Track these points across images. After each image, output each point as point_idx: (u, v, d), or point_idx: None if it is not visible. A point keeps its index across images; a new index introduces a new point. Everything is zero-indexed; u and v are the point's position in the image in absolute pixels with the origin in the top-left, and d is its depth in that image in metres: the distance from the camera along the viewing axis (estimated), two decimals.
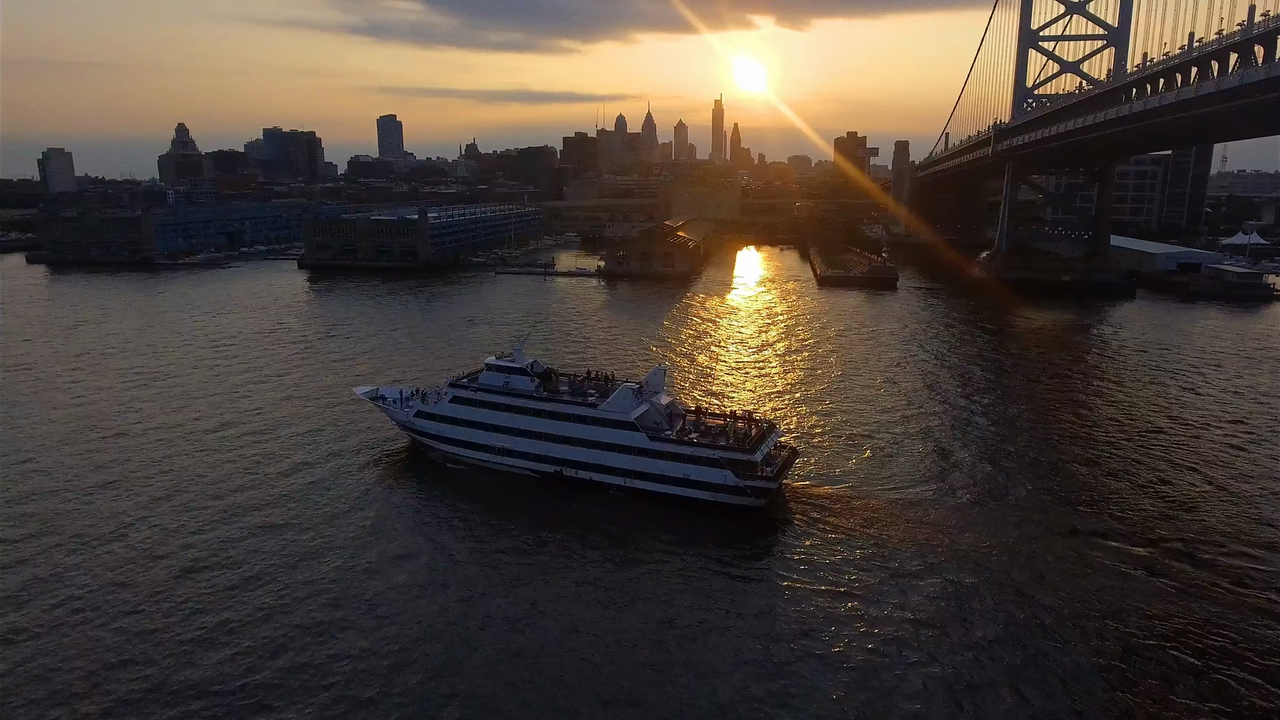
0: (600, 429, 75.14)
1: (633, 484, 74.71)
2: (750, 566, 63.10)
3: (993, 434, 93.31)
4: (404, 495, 76.17)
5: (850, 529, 67.60)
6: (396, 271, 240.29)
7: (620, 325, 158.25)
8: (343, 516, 69.90)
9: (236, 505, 71.63)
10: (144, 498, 73.27)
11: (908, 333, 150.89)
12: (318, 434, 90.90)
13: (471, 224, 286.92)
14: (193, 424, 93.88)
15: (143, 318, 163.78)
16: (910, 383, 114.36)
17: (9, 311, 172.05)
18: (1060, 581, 59.16)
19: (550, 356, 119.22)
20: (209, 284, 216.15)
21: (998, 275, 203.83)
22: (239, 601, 56.29)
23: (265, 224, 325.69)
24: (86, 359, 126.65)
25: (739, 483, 70.17)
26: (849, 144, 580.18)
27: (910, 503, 72.73)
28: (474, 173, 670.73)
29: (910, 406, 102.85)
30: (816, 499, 73.80)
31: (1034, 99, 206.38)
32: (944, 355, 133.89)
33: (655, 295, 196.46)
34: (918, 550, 63.86)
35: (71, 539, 65.58)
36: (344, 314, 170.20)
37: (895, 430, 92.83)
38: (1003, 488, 77.08)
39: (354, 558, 62.58)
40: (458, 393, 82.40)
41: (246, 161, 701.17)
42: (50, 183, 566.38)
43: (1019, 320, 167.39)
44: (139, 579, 59.41)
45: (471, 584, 59.34)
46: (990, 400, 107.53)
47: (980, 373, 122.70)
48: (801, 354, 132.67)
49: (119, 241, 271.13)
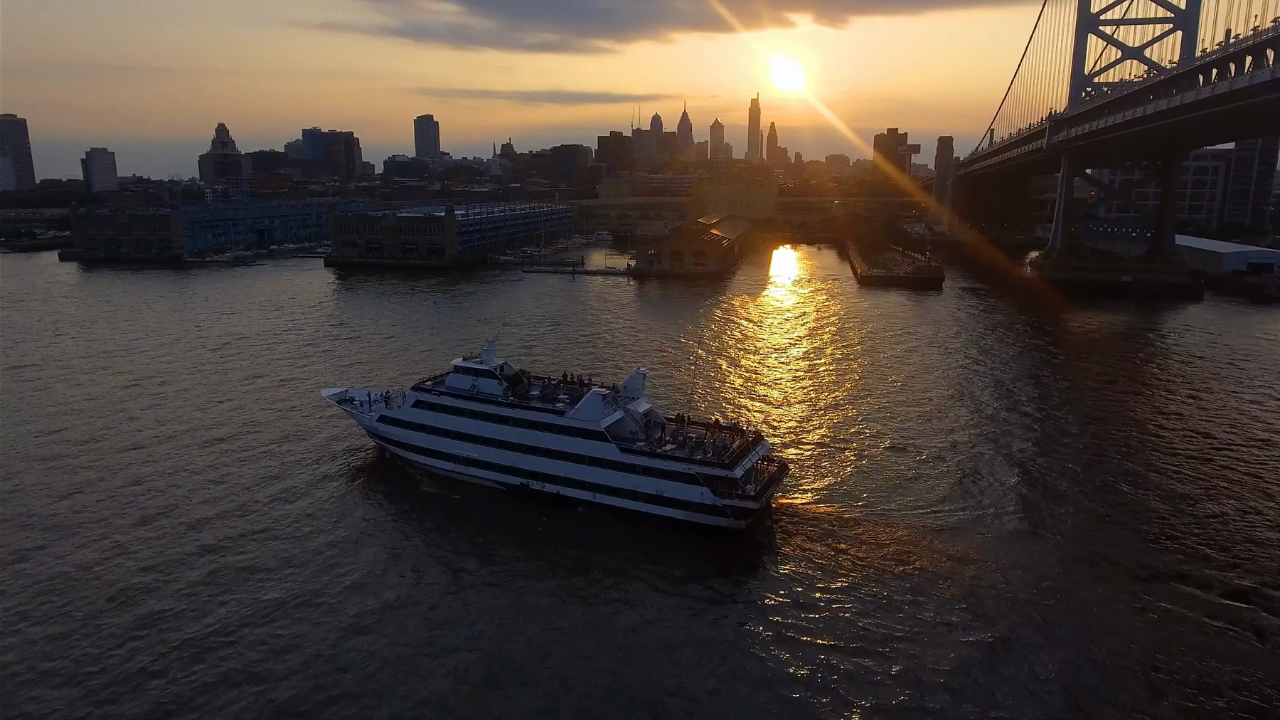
0: (568, 438, 68.02)
1: (602, 500, 67.41)
2: (720, 604, 54.82)
3: (1040, 450, 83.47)
4: (358, 515, 67.62)
5: (852, 560, 59.04)
6: (422, 269, 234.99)
7: (646, 326, 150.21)
8: (285, 542, 62.30)
9: (195, 529, 64.20)
10: (108, 514, 66.83)
11: (954, 336, 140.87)
12: (301, 442, 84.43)
13: (499, 221, 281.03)
14: (177, 431, 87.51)
15: (156, 316, 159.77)
16: (954, 391, 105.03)
17: (26, 310, 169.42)
18: (1116, 636, 49.47)
19: (564, 360, 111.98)
20: (232, 282, 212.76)
21: (1050, 276, 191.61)
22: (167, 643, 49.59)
23: (295, 222, 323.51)
24: (90, 359, 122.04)
25: (716, 501, 62.38)
26: (889, 141, 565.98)
27: (932, 529, 63.82)
28: (508, 171, 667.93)
29: (950, 416, 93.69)
30: (818, 521, 65.51)
31: (1092, 87, 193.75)
32: (992, 360, 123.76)
33: (686, 295, 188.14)
34: (933, 589, 54.79)
35: (13, 555, 59.75)
36: (361, 313, 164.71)
37: (931, 443, 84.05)
38: (1046, 513, 67.65)
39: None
40: (421, 396, 75.80)
41: (286, 161, 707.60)
42: (93, 182, 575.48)
43: (1074, 323, 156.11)
44: (74, 610, 52.85)
45: (402, 635, 50.84)
46: (1040, 410, 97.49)
47: (1031, 380, 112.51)
48: (839, 358, 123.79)
49: (149, 239, 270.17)
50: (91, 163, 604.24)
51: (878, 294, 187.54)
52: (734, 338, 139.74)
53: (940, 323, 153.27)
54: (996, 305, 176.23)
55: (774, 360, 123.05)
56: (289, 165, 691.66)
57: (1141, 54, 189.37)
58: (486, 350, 76.08)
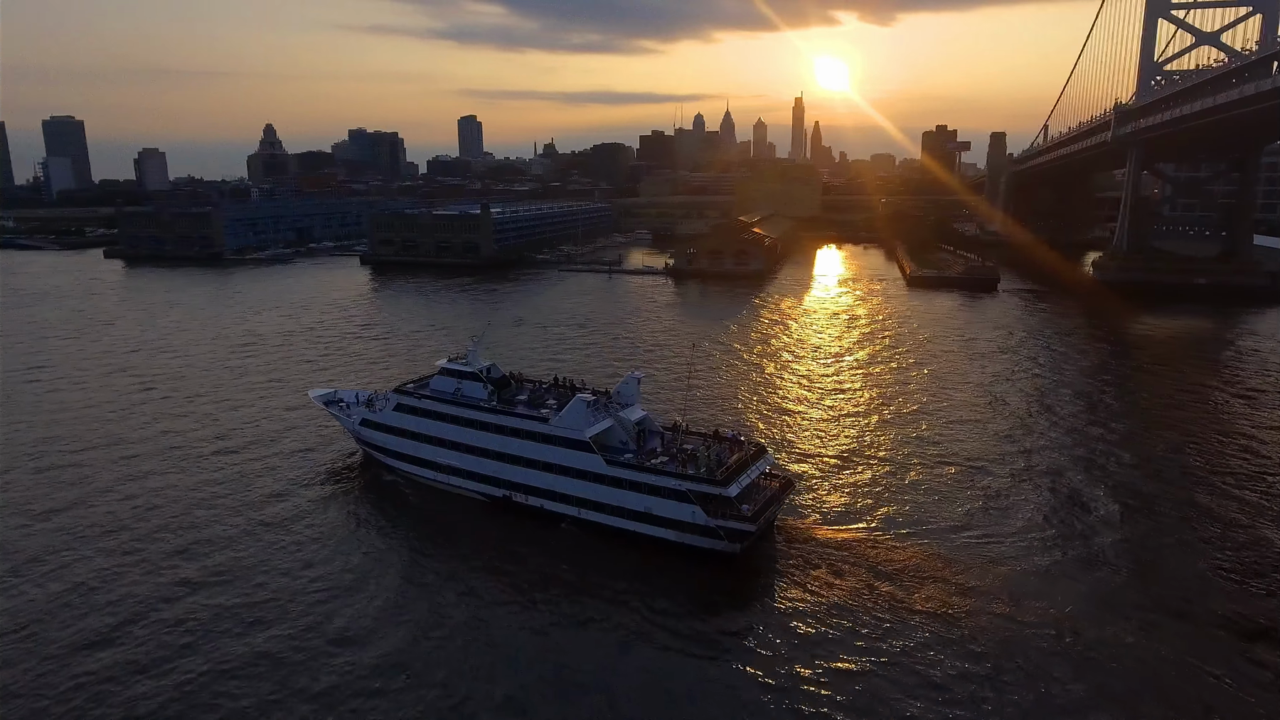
0: (551, 448, 62.56)
1: (587, 516, 61.72)
2: (700, 642, 48.68)
3: (1103, 470, 74.61)
4: (334, 542, 61.30)
5: (865, 595, 52.13)
6: (457, 268, 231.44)
7: (681, 328, 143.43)
8: (262, 568, 56.70)
9: (169, 561, 58.35)
10: (91, 526, 62.37)
11: (1010, 341, 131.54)
12: (296, 450, 79.73)
13: (536, 220, 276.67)
14: (179, 437, 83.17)
15: (184, 315, 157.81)
16: (1009, 401, 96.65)
17: (60, 306, 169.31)
18: (1194, 703, 41.63)
19: (586, 364, 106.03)
20: (268, 280, 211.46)
21: (1115, 277, 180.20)
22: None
23: (335, 220, 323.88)
24: (107, 359, 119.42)
25: (708, 521, 56.12)
26: (937, 138, 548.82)
27: (968, 561, 56.46)
28: (548, 171, 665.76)
29: (1002, 429, 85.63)
30: (829, 547, 58.83)
31: (1163, 76, 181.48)
32: (1052, 368, 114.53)
33: (725, 295, 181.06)
34: (963, 636, 47.29)
35: None
36: (388, 312, 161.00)
37: (978, 460, 76.43)
38: (1108, 546, 59.36)
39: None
40: (402, 399, 71.09)
41: (331, 162, 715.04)
42: (145, 182, 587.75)
43: (1141, 329, 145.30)
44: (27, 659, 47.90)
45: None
46: (1104, 425, 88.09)
47: (1095, 391, 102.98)
48: (884, 362, 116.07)
49: (190, 236, 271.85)
50: (144, 163, 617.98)
51: (928, 295, 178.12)
52: (772, 340, 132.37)
53: (995, 326, 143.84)
54: (1055, 309, 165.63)
55: (814, 364, 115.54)
56: (335, 165, 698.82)
57: (1218, 39, 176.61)
58: (472, 351, 70.96)
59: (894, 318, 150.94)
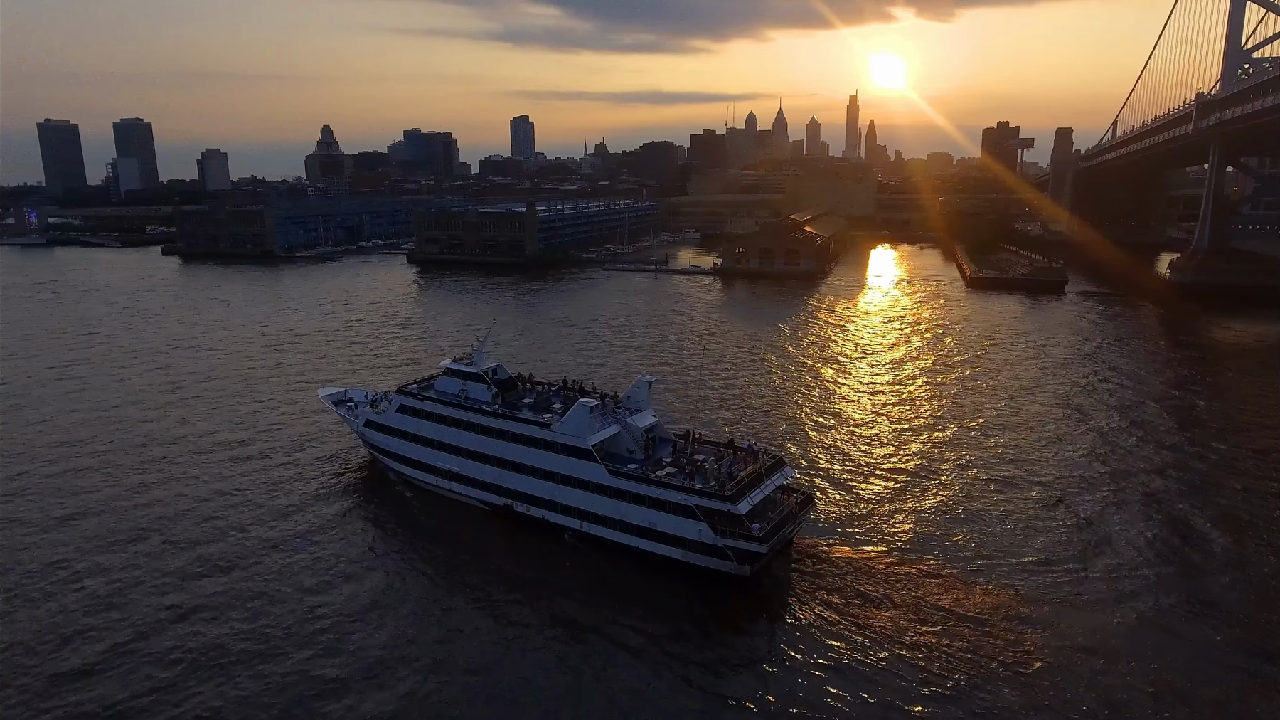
0: (552, 455, 58.36)
1: (590, 529, 57.23)
2: (707, 673, 43.92)
3: (1190, 493, 66.85)
4: (331, 555, 57.04)
5: (895, 633, 46.33)
6: (502, 266, 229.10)
7: (727, 330, 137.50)
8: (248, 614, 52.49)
9: (176, 571, 55.30)
10: (91, 539, 59.03)
11: (1080, 347, 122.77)
12: (309, 453, 76.17)
13: (581, 218, 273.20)
14: (202, 439, 79.93)
15: (226, 312, 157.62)
16: (1078, 412, 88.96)
17: (108, 302, 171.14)
18: None
19: (620, 367, 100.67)
20: (315, 277, 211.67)
21: (1194, 279, 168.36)
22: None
23: (385, 218, 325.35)
24: (142, 356, 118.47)
25: (715, 540, 50.94)
26: (999, 135, 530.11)
27: (1027, 596, 50.24)
28: (598, 170, 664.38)
29: (1071, 444, 78.16)
30: (859, 573, 53.18)
31: (1250, 64, 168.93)
32: (1127, 376, 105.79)
33: (775, 296, 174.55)
34: (1020, 693, 40.97)
35: None
36: (426, 311, 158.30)
37: (1043, 477, 69.86)
38: (1210, 586, 51.99)
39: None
40: (404, 401, 67.79)
41: (386, 162, 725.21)
42: (207, 181, 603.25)
43: (1226, 335, 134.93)
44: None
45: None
46: (1188, 440, 79.54)
47: (1176, 402, 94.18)
48: (940, 368, 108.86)
49: (244, 234, 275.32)
50: (206, 163, 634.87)
51: (989, 297, 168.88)
52: (822, 343, 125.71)
53: (1063, 331, 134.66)
54: (1128, 312, 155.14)
55: (866, 369, 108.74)
56: (389, 165, 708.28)
57: None
58: (477, 351, 67.15)
59: (953, 321, 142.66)
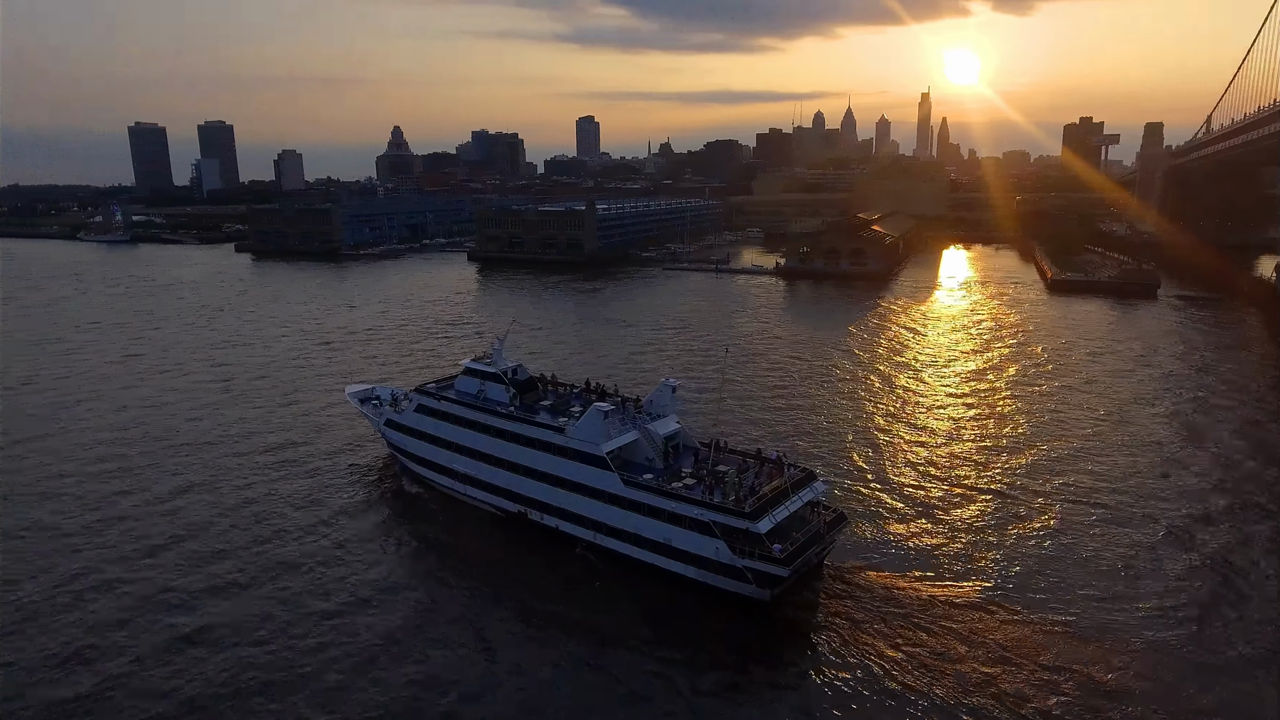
0: (566, 462, 54.77)
1: (603, 542, 53.24)
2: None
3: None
4: (355, 562, 54.53)
5: (939, 672, 40.84)
6: (560, 265, 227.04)
7: (785, 333, 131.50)
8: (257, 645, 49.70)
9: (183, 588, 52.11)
10: (111, 547, 56.89)
11: (1178, 357, 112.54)
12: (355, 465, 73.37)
13: (641, 216, 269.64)
14: (242, 442, 77.84)
15: (286, 307, 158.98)
16: (1176, 429, 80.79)
17: (175, 296, 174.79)
18: None
19: (670, 372, 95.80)
20: (376, 275, 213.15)
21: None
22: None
23: (448, 217, 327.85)
24: (198, 351, 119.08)
25: (733, 560, 47.15)
26: (1081, 131, 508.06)
27: (1108, 641, 43.88)
28: (661, 169, 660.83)
29: (1168, 465, 70.24)
30: (899, 602, 47.81)
31: None
32: (1232, 389, 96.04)
33: (840, 297, 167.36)
34: None
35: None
36: (480, 309, 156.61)
37: (1134, 504, 62.65)
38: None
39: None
40: (422, 400, 65.50)
41: (454, 162, 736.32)
42: (283, 182, 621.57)
43: None
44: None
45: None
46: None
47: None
48: (1018, 379, 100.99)
49: (312, 232, 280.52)
50: (282, 164, 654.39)
51: (1072, 302, 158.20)
52: (888, 348, 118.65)
53: (1162, 339, 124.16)
54: (1231, 319, 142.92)
55: (933, 377, 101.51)
56: (457, 165, 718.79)
57: None
58: (495, 350, 64.40)
59: (1036, 327, 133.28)
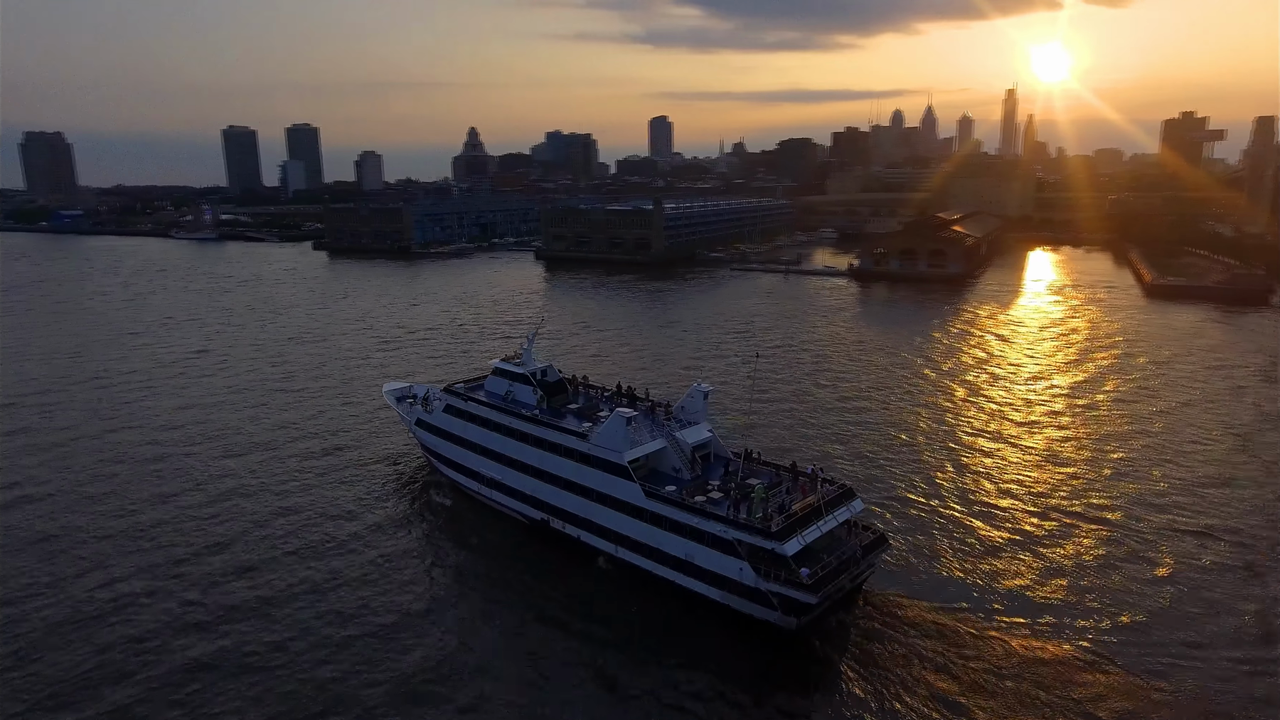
0: (588, 470, 51.48)
1: (625, 555, 50.95)
2: None
3: None
4: (382, 579, 51.57)
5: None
6: (627, 264, 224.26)
7: (856, 337, 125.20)
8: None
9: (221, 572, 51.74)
10: (142, 553, 55.91)
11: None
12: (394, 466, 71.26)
13: (710, 216, 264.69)
14: (289, 445, 76.04)
15: (351, 305, 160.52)
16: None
17: (253, 291, 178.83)
18: None
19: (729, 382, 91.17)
20: (445, 273, 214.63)
21: None
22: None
23: (517, 216, 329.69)
24: (260, 348, 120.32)
25: (756, 583, 43.05)
26: (1182, 127, 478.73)
27: (1211, 699, 38.71)
28: (733, 168, 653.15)
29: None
30: (956, 642, 42.92)
31: None
32: None
33: (916, 301, 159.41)
34: None
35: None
36: (547, 309, 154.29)
37: (1245, 533, 55.86)
38: None
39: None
40: (450, 400, 63.19)
41: (529, 162, 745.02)
42: (363, 182, 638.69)
43: None
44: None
45: None
46: None
47: None
48: (1113, 393, 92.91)
49: (385, 231, 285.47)
50: (362, 165, 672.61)
51: (1173, 308, 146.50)
52: (965, 356, 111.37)
53: (1271, 350, 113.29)
54: None
55: (1021, 391, 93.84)
56: (530, 166, 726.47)
57: None
58: (525, 350, 61.71)
59: (1133, 335, 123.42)
